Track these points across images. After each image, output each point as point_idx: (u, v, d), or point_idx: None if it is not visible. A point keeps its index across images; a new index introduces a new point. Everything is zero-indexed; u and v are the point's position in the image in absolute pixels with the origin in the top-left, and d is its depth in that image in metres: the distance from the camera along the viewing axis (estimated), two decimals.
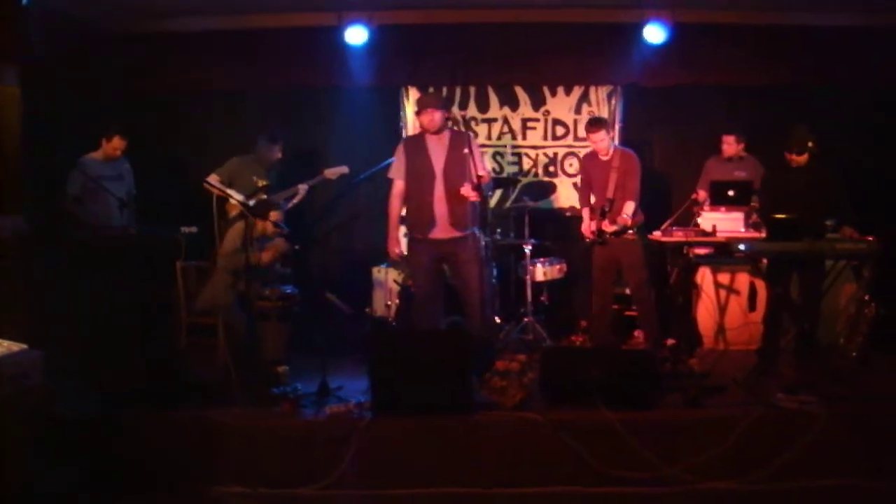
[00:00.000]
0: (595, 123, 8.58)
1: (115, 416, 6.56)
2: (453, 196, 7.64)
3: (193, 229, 8.08)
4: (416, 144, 7.92)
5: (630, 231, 8.36)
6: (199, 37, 9.44)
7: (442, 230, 7.75)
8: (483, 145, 9.67)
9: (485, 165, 8.04)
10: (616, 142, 9.59)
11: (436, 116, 7.76)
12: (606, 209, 8.35)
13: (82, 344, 7.38)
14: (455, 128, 7.84)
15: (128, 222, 8.17)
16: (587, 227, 8.61)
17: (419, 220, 7.84)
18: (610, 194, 8.39)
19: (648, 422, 6.44)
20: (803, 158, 7.45)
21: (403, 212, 8.09)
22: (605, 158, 8.54)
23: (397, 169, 7.96)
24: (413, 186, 7.85)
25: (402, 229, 8.26)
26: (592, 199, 8.69)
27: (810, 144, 7.40)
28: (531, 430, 6.41)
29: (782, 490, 6.14)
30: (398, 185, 7.95)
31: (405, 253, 8.19)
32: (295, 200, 8.87)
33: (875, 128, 9.19)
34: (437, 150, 7.77)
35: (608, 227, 8.33)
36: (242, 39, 9.52)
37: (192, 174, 8.88)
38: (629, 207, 8.31)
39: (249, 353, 7.40)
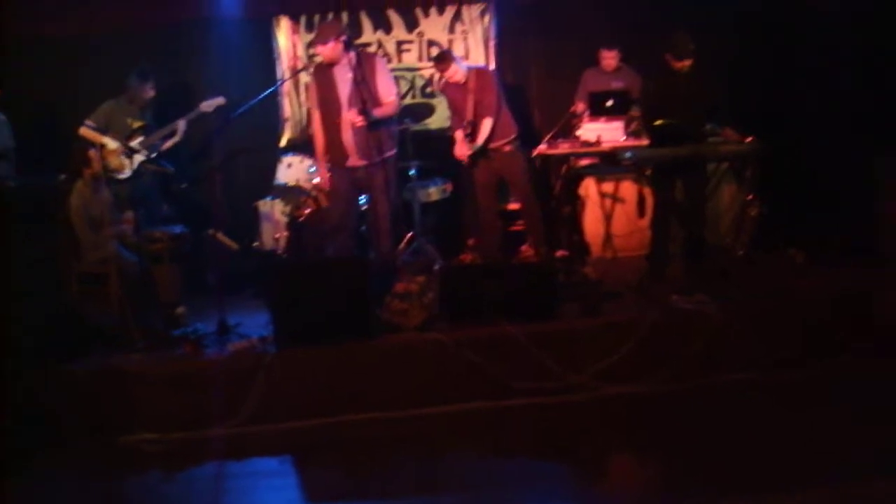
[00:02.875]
0: (443, 59, 8.60)
1: (15, 373, 6.43)
2: (356, 124, 7.65)
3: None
4: (323, 73, 7.87)
5: (507, 145, 8.44)
6: None
7: (354, 159, 7.81)
8: None
9: (392, 87, 8.02)
10: (493, 59, 9.67)
11: (338, 47, 7.65)
12: (468, 132, 8.47)
13: None
14: (362, 49, 7.78)
15: (6, 174, 7.92)
16: (458, 149, 8.65)
17: (333, 150, 7.88)
18: (469, 116, 8.48)
19: (550, 333, 6.59)
20: (685, 64, 7.54)
21: None
22: (460, 81, 8.56)
23: (312, 99, 8.01)
24: (325, 116, 7.88)
25: None
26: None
27: (692, 48, 7.49)
28: (436, 350, 6.51)
29: (687, 388, 6.36)
30: (316, 116, 7.99)
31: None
32: (175, 139, 8.66)
33: (749, 30, 9.32)
34: (342, 78, 7.75)
35: (463, 153, 8.51)
36: None
37: (65, 120, 8.64)
38: (487, 125, 8.38)
39: (145, 297, 7.30)
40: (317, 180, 8.23)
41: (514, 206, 9.15)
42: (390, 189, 7.92)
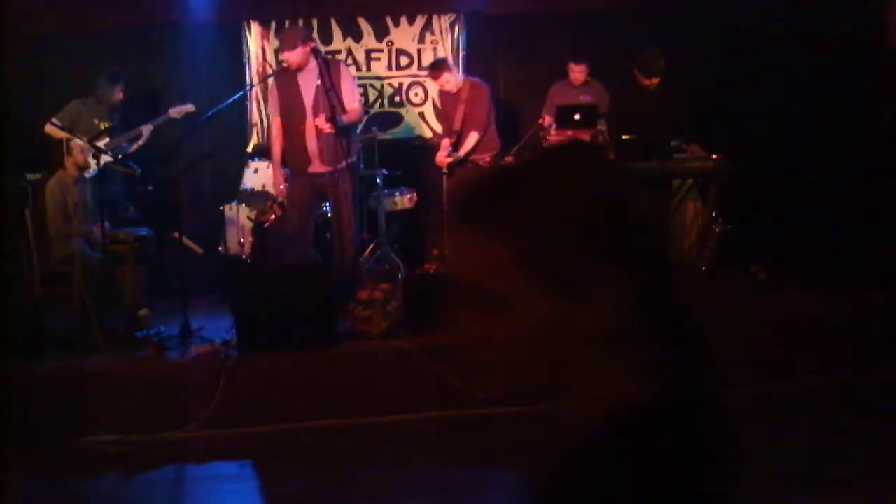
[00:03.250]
0: (437, 67, 8.72)
1: None
2: (324, 131, 7.63)
3: (38, 176, 7.87)
4: (287, 79, 7.83)
5: (486, 159, 8.52)
6: None
7: (316, 165, 7.77)
8: None
9: (357, 94, 8.05)
10: (461, 71, 9.71)
11: (300, 53, 7.62)
12: (454, 141, 8.55)
13: None
14: (332, 57, 7.83)
15: None
16: (440, 157, 8.74)
17: (294, 156, 7.84)
18: (457, 126, 8.54)
19: None
20: (654, 81, 7.64)
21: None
22: (452, 91, 8.66)
23: (273, 105, 7.94)
24: (287, 122, 7.83)
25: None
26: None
27: (662, 66, 7.59)
28: (399, 358, 6.56)
29: None
30: (276, 122, 7.93)
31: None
32: (140, 142, 8.63)
33: (717, 49, 9.42)
34: (307, 84, 7.73)
35: (443, 161, 8.56)
36: None
37: (31, 119, 8.59)
38: (472, 139, 8.48)
39: (108, 298, 7.28)
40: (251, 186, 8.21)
41: None
42: (354, 196, 7.91)
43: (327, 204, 8.25)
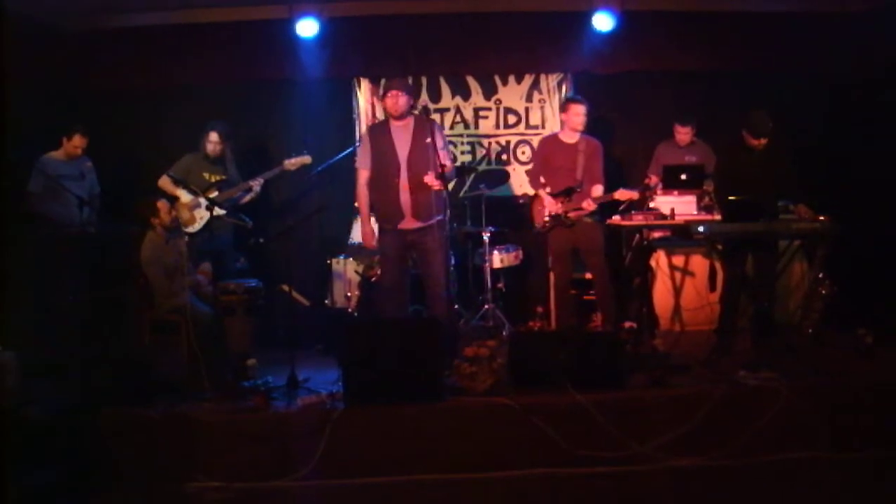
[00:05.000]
0: (577, 101, 8.56)
1: (88, 415, 6.50)
2: (418, 186, 7.55)
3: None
4: (381, 132, 7.77)
5: (589, 216, 8.45)
6: (153, 32, 9.41)
7: (408, 220, 7.65)
8: None
9: (449, 153, 7.95)
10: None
11: (400, 100, 7.61)
12: (577, 189, 8.38)
13: (49, 343, 7.36)
14: (421, 115, 7.81)
15: (89, 220, 8.08)
16: (551, 208, 8.57)
17: (385, 210, 7.73)
18: (578, 177, 8.46)
19: (616, 402, 6.55)
20: (762, 142, 7.58)
21: None
22: (570, 141, 8.55)
23: (363, 158, 7.83)
24: (378, 176, 7.73)
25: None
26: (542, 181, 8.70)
27: (770, 127, 7.54)
28: (503, 415, 6.48)
29: (749, 464, 6.29)
30: (363, 175, 7.82)
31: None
32: (252, 195, 8.80)
33: (819, 111, 9.34)
34: (402, 139, 7.65)
35: (589, 206, 8.37)
36: (195, 34, 9.49)
37: (148, 170, 8.84)
38: (599, 189, 8.38)
39: (217, 347, 7.39)
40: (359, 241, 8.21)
41: (587, 275, 9.14)
42: (443, 252, 7.79)
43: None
